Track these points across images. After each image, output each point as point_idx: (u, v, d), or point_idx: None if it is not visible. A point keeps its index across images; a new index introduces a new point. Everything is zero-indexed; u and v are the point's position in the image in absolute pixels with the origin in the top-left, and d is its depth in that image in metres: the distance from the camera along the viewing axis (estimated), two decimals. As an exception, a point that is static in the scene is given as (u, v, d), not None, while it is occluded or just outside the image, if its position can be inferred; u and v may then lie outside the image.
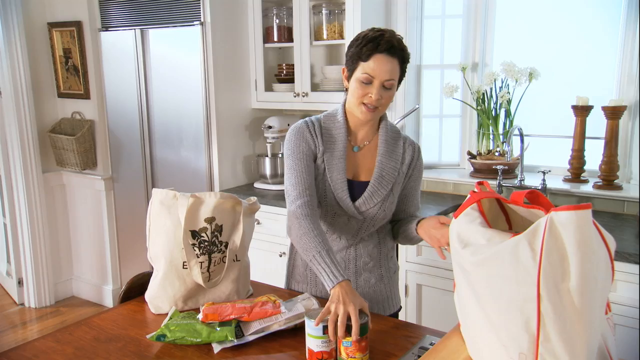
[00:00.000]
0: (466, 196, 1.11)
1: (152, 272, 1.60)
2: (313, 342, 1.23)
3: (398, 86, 1.54)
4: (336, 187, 1.56)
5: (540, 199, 1.02)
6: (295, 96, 2.92)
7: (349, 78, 1.52)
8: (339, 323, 1.22)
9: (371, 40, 1.45)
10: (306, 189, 1.52)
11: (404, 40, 1.52)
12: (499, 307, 0.94)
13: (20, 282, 3.73)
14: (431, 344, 1.30)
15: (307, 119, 1.60)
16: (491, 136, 2.81)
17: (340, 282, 1.32)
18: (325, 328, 1.22)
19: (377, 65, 1.44)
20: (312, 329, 1.22)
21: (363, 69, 1.46)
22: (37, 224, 3.61)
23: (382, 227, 1.66)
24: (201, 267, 1.51)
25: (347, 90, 1.56)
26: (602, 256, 0.85)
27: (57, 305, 3.78)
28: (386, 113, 1.64)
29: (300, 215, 1.47)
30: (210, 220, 1.51)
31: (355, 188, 1.57)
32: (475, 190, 1.12)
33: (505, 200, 1.11)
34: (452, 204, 2.61)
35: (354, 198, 1.57)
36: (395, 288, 1.73)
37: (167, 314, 1.49)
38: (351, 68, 1.50)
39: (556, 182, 2.57)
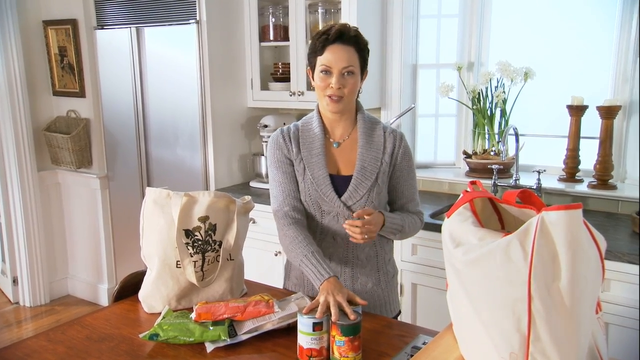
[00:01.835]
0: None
1: (145, 271, 1.60)
2: (303, 338, 1.23)
3: (363, 76, 1.58)
4: (319, 184, 1.57)
5: (532, 198, 1.02)
6: (291, 95, 2.92)
7: (313, 76, 1.57)
8: (331, 306, 1.26)
9: (322, 34, 1.51)
10: (286, 197, 1.59)
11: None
12: (490, 307, 0.94)
13: (15, 281, 3.72)
14: (424, 344, 1.30)
15: (284, 127, 1.66)
16: (486, 135, 2.81)
17: (327, 279, 1.38)
18: (315, 325, 1.22)
19: (331, 55, 1.50)
20: (303, 325, 1.22)
21: (320, 62, 1.51)
22: (32, 223, 3.60)
23: None
24: (195, 266, 1.51)
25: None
26: (592, 256, 0.85)
27: (52, 304, 3.78)
28: (362, 105, 1.66)
29: (283, 225, 1.56)
30: (204, 219, 1.51)
31: (340, 183, 1.58)
32: (468, 189, 1.12)
33: (498, 199, 1.11)
34: (447, 203, 2.62)
35: (339, 194, 1.57)
36: (393, 292, 1.72)
37: (160, 313, 1.49)
38: (312, 65, 1.56)
39: (551, 182, 2.57)
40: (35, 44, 3.60)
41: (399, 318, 1.76)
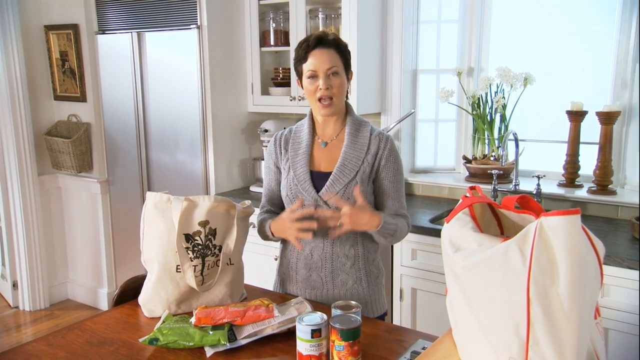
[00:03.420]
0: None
1: (145, 276, 1.60)
2: (302, 345, 1.23)
3: (349, 78, 1.66)
4: (299, 180, 1.65)
5: (531, 204, 1.03)
6: (291, 100, 2.93)
7: (302, 85, 1.65)
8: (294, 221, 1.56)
9: (302, 43, 1.61)
10: (267, 200, 1.80)
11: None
12: (489, 312, 0.94)
13: (14, 285, 3.72)
14: (423, 349, 1.30)
15: (278, 131, 1.78)
16: (486, 141, 2.81)
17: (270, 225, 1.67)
18: (313, 332, 1.22)
19: (315, 60, 1.59)
20: (301, 332, 1.22)
21: (306, 68, 1.61)
22: (32, 227, 3.60)
23: None
24: (195, 271, 1.51)
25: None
26: (591, 261, 0.85)
27: (51, 308, 3.77)
28: (352, 106, 1.73)
29: (258, 217, 1.77)
30: (204, 223, 1.51)
31: (320, 179, 1.65)
32: (467, 195, 1.13)
33: (497, 205, 1.11)
34: (447, 208, 2.62)
35: (318, 190, 1.63)
36: (377, 293, 1.73)
37: (160, 317, 1.49)
38: (299, 74, 1.64)
39: (551, 187, 2.58)
40: (36, 49, 3.61)
41: (394, 317, 1.78)
